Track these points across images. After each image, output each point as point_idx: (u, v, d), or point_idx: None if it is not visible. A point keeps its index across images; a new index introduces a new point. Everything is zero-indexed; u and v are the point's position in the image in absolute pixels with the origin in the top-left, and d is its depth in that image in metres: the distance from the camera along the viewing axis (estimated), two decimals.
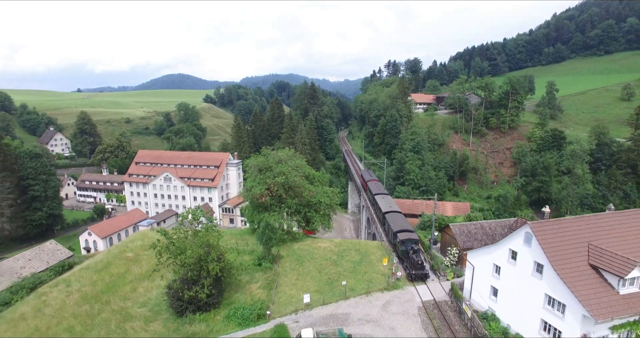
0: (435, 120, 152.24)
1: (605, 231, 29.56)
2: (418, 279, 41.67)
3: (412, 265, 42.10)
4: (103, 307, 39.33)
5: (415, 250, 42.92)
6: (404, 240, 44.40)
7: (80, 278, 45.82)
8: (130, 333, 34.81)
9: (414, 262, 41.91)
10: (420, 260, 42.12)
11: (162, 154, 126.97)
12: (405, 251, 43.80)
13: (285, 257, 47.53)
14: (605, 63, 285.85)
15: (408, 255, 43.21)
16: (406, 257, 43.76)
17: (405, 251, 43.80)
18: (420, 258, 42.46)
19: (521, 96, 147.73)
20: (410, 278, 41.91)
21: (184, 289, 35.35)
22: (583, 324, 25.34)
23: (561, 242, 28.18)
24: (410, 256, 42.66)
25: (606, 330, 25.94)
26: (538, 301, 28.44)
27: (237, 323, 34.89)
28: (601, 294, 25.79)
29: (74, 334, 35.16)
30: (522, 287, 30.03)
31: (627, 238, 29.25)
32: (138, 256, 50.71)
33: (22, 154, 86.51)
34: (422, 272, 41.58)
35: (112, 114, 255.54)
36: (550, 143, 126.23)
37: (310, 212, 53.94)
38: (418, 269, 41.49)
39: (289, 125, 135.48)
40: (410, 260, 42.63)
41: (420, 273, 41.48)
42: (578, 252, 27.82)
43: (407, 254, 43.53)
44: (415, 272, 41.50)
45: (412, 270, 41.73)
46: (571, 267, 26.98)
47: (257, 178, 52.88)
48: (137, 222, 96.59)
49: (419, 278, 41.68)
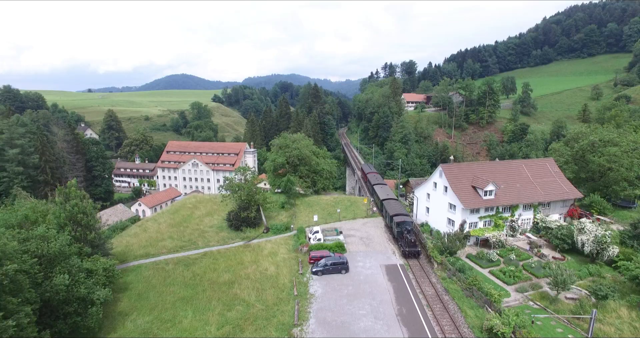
0: (423, 116, 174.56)
1: (484, 170, 52.19)
2: (411, 256, 46.08)
3: (406, 243, 46.51)
4: (185, 228, 61.83)
5: (409, 230, 47.33)
6: (399, 222, 49.01)
7: (161, 218, 68.47)
8: (207, 237, 57.36)
9: (407, 241, 46.32)
10: (413, 239, 46.37)
11: (189, 144, 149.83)
12: (400, 232, 48.16)
13: (299, 204, 70.03)
14: (587, 65, 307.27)
15: (403, 235, 47.62)
16: (401, 236, 48.00)
17: (400, 232, 48.16)
18: (413, 237, 46.68)
19: (497, 96, 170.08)
20: (404, 255, 46.31)
21: (240, 212, 57.92)
22: (462, 213, 47.90)
23: (457, 174, 50.74)
24: (405, 236, 46.95)
25: (477, 219, 48.59)
26: (445, 208, 51.03)
27: (273, 232, 57.40)
28: (473, 199, 48.35)
29: (174, 240, 57.53)
30: (438, 202, 52.61)
31: (495, 174, 51.82)
32: (196, 205, 73.27)
33: (87, 141, 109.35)
34: (415, 250, 45.96)
35: (131, 112, 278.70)
36: (519, 135, 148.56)
37: (316, 177, 76.45)
38: (411, 247, 45.97)
39: (296, 120, 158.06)
40: (404, 239, 46.96)
41: (413, 250, 45.91)
42: (465, 179, 50.34)
43: (401, 234, 47.92)
44: (408, 249, 45.94)
45: (406, 248, 46.17)
46: (461, 187, 49.49)
47: (279, 152, 75.42)
48: (173, 197, 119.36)
49: (412, 255, 46.03)
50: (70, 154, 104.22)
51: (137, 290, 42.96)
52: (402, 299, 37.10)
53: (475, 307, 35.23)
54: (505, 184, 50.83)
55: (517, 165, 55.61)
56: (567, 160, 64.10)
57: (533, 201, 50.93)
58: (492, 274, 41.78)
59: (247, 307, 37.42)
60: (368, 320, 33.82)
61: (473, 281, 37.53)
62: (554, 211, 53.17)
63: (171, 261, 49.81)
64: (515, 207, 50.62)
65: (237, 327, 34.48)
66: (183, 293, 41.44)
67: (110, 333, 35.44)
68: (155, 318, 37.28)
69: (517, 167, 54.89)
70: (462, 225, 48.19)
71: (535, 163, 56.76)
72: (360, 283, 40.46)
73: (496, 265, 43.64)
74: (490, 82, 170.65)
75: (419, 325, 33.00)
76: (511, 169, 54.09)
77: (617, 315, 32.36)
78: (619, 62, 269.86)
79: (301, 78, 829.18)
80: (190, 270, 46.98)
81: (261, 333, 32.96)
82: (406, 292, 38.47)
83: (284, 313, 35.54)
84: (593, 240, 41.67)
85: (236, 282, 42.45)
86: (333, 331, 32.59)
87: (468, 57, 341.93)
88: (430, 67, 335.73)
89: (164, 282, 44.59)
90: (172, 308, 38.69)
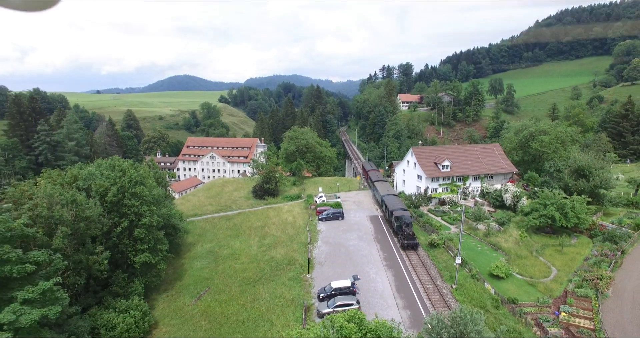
0: (415, 115, 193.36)
1: (443, 151, 71.03)
2: (409, 248, 47.67)
3: (405, 236, 48.21)
4: (219, 199, 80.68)
5: (407, 224, 48.94)
6: (398, 216, 50.93)
7: (198, 193, 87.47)
8: (238, 203, 76.20)
9: (406, 234, 47.95)
10: (412, 233, 48.17)
11: (207, 140, 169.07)
12: (399, 226, 49.88)
13: (306, 182, 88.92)
14: (574, 66, 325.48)
15: (402, 228, 49.20)
16: (400, 230, 49.69)
17: (399, 226, 49.88)
18: (411, 230, 48.55)
19: (482, 96, 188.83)
20: (403, 248, 48.15)
21: (263, 185, 76.80)
22: (426, 182, 66.74)
23: (424, 154, 69.53)
24: (404, 229, 48.66)
25: (437, 185, 67.47)
26: (414, 178, 69.83)
27: (288, 200, 76.25)
28: (434, 171, 67.12)
29: (213, 206, 76.27)
30: (410, 174, 71.40)
31: (452, 154, 70.63)
32: (224, 184, 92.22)
33: (124, 136, 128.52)
34: (413, 242, 47.70)
35: (145, 112, 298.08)
36: (499, 131, 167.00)
37: (320, 162, 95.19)
38: (409, 240, 47.77)
39: (300, 119, 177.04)
40: (403, 233, 48.59)
41: (412, 243, 47.60)
42: (430, 157, 69.11)
43: (400, 228, 49.61)
44: (407, 242, 47.63)
45: (405, 241, 47.83)
46: (425, 163, 68.23)
47: (290, 142, 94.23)
48: (196, 184, 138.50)
49: (410, 247, 47.64)
50: (111, 146, 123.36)
51: (196, 232, 61.86)
52: (378, 232, 55.92)
53: (426, 234, 53.95)
54: (458, 161, 69.54)
55: (470, 148, 74.37)
56: (515, 147, 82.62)
57: (480, 173, 69.55)
58: (442, 220, 60.39)
59: (275, 237, 56.32)
60: (355, 241, 52.66)
61: (427, 220, 56.28)
62: (497, 182, 71.76)
63: (216, 217, 68.80)
64: (466, 177, 69.25)
65: (270, 246, 53.39)
66: (230, 233, 60.38)
67: (188, 252, 54.42)
68: (214, 245, 56.25)
69: (470, 149, 73.60)
70: (426, 190, 66.93)
71: (485, 147, 75.48)
72: (352, 224, 59.29)
73: (447, 215, 62.29)
74: (476, 83, 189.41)
75: (388, 243, 51.78)
76: (465, 151, 72.79)
77: (509, 234, 51.18)
78: (602, 64, 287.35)
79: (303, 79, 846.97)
80: (231, 221, 65.89)
81: (288, 248, 51.83)
82: (382, 228, 57.29)
83: (301, 238, 54.47)
84: (512, 196, 60.33)
85: (266, 226, 61.33)
86: (333, 246, 51.43)
87: (462, 59, 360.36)
88: (426, 68, 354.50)
89: (214, 228, 63.51)
90: (224, 239, 57.64)
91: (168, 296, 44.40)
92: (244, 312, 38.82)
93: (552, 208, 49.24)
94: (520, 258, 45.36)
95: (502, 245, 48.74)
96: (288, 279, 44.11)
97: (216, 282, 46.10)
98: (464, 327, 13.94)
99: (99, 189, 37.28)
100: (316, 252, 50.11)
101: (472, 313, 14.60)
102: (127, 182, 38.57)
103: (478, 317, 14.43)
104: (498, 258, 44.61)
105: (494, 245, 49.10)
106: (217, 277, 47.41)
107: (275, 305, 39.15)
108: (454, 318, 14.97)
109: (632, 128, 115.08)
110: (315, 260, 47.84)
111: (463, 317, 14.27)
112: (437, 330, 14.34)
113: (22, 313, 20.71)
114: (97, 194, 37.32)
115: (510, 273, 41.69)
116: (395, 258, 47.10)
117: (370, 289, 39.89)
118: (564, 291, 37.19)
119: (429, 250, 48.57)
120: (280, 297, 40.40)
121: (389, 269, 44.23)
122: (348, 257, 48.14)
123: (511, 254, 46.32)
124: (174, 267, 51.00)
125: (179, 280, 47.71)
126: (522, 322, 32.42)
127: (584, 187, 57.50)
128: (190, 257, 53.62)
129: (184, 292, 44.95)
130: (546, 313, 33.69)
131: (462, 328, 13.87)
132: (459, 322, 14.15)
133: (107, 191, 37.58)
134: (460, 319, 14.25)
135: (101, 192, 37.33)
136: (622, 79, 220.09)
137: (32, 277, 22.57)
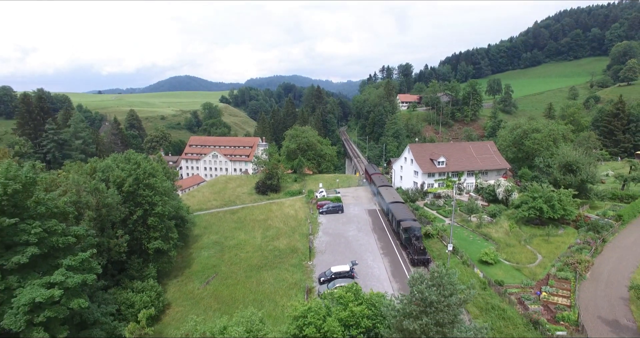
0: (414, 115, 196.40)
1: (439, 148, 74.01)
2: (420, 264, 42.08)
3: (414, 251, 43.02)
4: (224, 194, 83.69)
5: (417, 236, 43.83)
6: (406, 227, 45.71)
7: (203, 189, 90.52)
8: (242, 198, 79.19)
9: (416, 248, 42.77)
10: (422, 246, 42.83)
11: (209, 139, 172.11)
12: (408, 238, 44.90)
13: (307, 179, 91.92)
14: (572, 67, 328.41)
15: (411, 241, 44.12)
16: (409, 243, 44.65)
17: (408, 238, 44.90)
18: (422, 244, 43.21)
19: (480, 96, 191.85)
20: (413, 263, 42.79)
21: (265, 181, 79.78)
22: (422, 177, 69.74)
23: (420, 151, 72.50)
24: (413, 243, 43.50)
25: (433, 181, 70.46)
26: (411, 174, 72.82)
27: (289, 195, 79.22)
28: (430, 167, 70.09)
29: (218, 201, 79.27)
30: (407, 170, 74.40)
31: (447, 151, 73.58)
32: (227, 181, 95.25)
33: (128, 135, 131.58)
34: (424, 258, 41.95)
35: (147, 112, 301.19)
36: (496, 130, 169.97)
37: (320, 159, 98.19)
38: (420, 255, 42.33)
39: (301, 118, 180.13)
40: (412, 247, 43.57)
41: (423, 258, 41.88)
42: (426, 154, 72.10)
43: (409, 241, 44.54)
44: (417, 257, 42.25)
45: (415, 256, 42.66)
46: (422, 159, 71.21)
47: (291, 140, 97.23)
48: (198, 182, 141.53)
49: (421, 263, 42.04)
50: (116, 145, 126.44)
51: (202, 225, 64.88)
52: (375, 223, 58.93)
53: (422, 226, 56.85)
54: (453, 158, 72.51)
55: (465, 145, 77.36)
56: (509, 144, 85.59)
57: (474, 169, 72.50)
58: (437, 213, 63.30)
59: (278, 229, 59.32)
60: (354, 232, 55.66)
61: (422, 213, 59.25)
62: (490, 178, 74.65)
63: (220, 212, 71.83)
64: (461, 173, 72.21)
65: (274, 237, 56.40)
66: (234, 225, 63.41)
67: (195, 243, 57.45)
68: (220, 236, 59.28)
69: (465, 146, 76.59)
70: (422, 185, 69.90)
71: (479, 144, 78.45)
72: (351, 217, 62.29)
73: (442, 209, 65.23)
74: (474, 83, 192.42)
75: (384, 233, 54.76)
76: (460, 148, 75.77)
77: (500, 225, 54.17)
78: (600, 64, 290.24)
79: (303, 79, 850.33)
80: (235, 215, 68.91)
81: (290, 238, 54.84)
82: (379, 220, 60.30)
83: (302, 230, 57.49)
84: (503, 190, 63.30)
85: (269, 219, 64.34)
86: (333, 236, 54.42)
87: (462, 60, 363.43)
88: (426, 69, 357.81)
89: (219, 221, 66.54)
90: (229, 231, 60.67)
91: (178, 281, 47.44)
92: (250, 294, 41.85)
93: (540, 200, 52.16)
94: (509, 247, 48.26)
95: (492, 235, 51.66)
96: (291, 266, 47.13)
97: (223, 269, 49.13)
98: (440, 279, 16.76)
99: (116, 180, 40.33)
100: (317, 242, 53.10)
101: (447, 269, 17.48)
102: (141, 173, 41.62)
103: (452, 272, 17.30)
104: (488, 247, 47.53)
105: (485, 236, 52.00)
106: (223, 264, 50.44)
107: (279, 288, 42.17)
108: (432, 273, 17.88)
109: (623, 127, 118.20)
110: (316, 249, 50.84)
111: (440, 272, 17.12)
112: (418, 281, 17.19)
113: (68, 277, 24.02)
114: (115, 184, 40.36)
115: (498, 260, 44.61)
116: (391, 247, 50.05)
117: (367, 274, 42.85)
118: (547, 274, 40.11)
119: (424, 240, 51.49)
120: (283, 281, 43.41)
121: (386, 257, 47.19)
122: (347, 246, 51.13)
123: (501, 243, 49.22)
124: (183, 256, 54.03)
125: (188, 268, 50.76)
126: (506, 301, 35.38)
127: (571, 181, 60.40)
128: (198, 247, 56.66)
129: (193, 277, 48.00)
130: (529, 293, 36.61)
131: (439, 281, 16.69)
132: (436, 276, 16.99)
133: (124, 182, 40.61)
134: (437, 274, 17.10)
135: (118, 182, 40.39)
136: (618, 80, 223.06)
137: (72, 249, 25.95)
